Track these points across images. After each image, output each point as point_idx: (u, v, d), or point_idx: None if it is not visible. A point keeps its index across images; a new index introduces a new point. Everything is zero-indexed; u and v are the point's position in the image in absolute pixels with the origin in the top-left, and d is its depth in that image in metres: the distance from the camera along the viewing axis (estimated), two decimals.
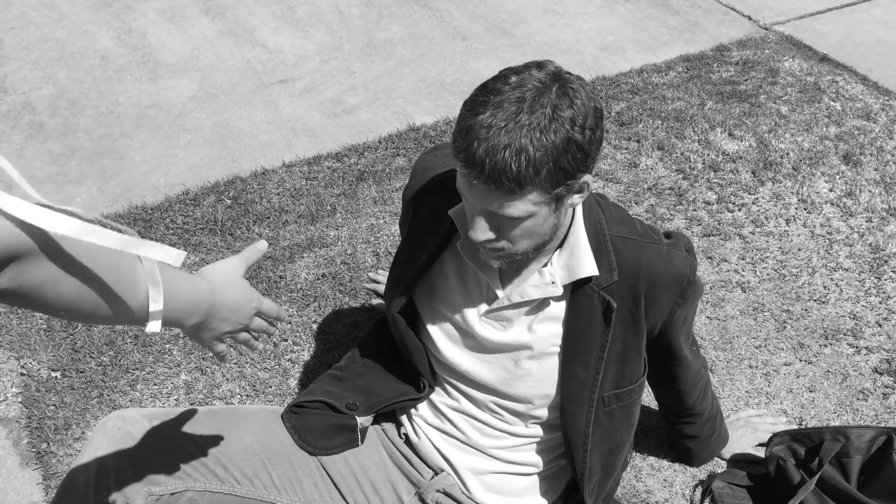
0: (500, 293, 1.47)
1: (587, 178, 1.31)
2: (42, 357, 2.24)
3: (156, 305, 0.99)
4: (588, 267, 1.42)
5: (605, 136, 1.34)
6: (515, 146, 1.19)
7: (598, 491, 1.65)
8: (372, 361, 1.70)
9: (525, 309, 1.48)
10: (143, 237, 2.59)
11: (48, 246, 0.86)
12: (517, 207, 1.25)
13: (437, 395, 1.63)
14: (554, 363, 1.51)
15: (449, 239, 1.50)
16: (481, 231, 1.30)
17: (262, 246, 1.30)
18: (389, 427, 1.68)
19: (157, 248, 0.94)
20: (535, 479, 1.66)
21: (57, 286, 0.89)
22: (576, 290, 1.46)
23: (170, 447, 1.46)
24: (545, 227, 1.33)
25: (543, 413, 1.57)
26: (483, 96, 1.23)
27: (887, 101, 3.30)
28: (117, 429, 1.45)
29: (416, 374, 1.62)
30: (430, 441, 1.63)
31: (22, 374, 2.21)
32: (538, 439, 1.62)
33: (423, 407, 1.64)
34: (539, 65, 1.26)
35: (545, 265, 1.45)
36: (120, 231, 0.91)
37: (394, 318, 1.58)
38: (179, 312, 1.08)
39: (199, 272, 1.18)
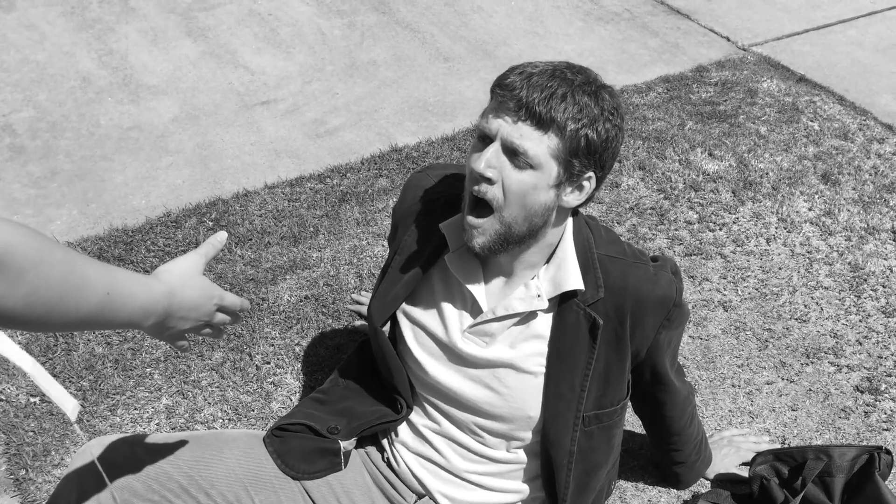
0: (484, 306, 1.47)
1: (592, 177, 1.33)
2: (20, 382, 2.22)
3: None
4: (574, 280, 1.43)
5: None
6: (556, 89, 1.27)
7: None
8: (354, 384, 1.69)
9: (509, 323, 1.48)
10: (123, 260, 2.59)
11: None
12: (535, 143, 1.28)
13: (419, 417, 1.62)
14: (536, 383, 1.50)
15: (437, 256, 1.51)
16: (485, 162, 1.31)
17: (220, 237, 1.27)
18: (373, 451, 1.67)
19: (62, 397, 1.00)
20: None
21: (3, 299, 0.90)
22: (561, 306, 1.46)
23: (151, 473, 1.44)
24: (539, 202, 1.33)
25: (526, 436, 1.56)
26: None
27: (864, 120, 3.34)
28: (98, 455, 1.43)
29: (395, 394, 1.62)
30: (409, 469, 1.62)
31: (0, 400, 2.18)
32: (520, 466, 1.61)
33: (403, 430, 1.63)
34: None
35: (532, 278, 1.46)
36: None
37: (376, 332, 1.57)
38: (133, 316, 1.08)
39: (156, 273, 1.16)
